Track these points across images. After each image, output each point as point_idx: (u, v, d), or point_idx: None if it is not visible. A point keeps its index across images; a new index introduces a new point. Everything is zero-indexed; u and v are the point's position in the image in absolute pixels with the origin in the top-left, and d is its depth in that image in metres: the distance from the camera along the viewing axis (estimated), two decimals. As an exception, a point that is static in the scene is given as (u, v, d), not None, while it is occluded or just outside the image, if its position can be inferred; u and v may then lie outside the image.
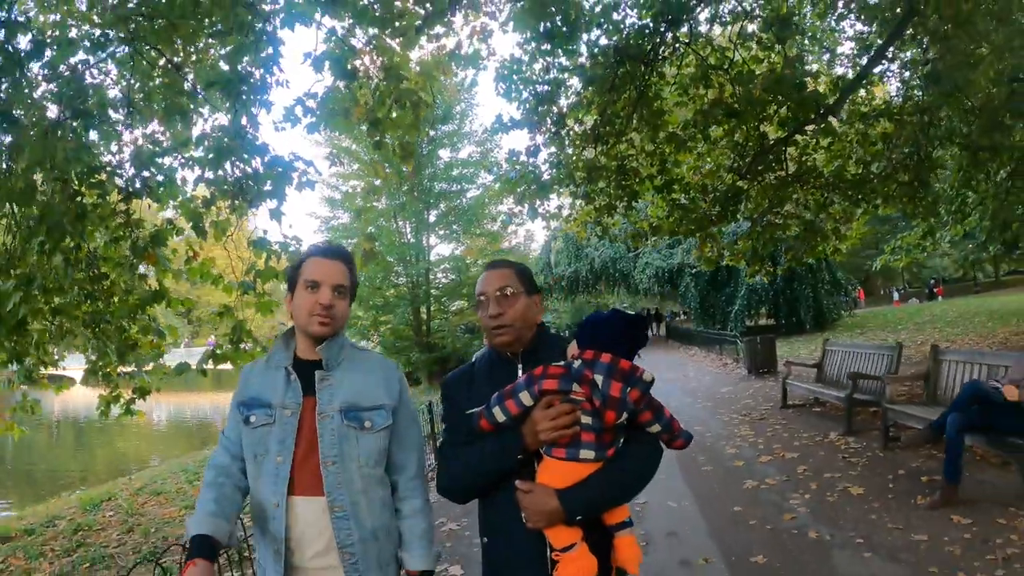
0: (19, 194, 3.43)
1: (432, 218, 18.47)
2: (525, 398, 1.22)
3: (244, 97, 3.95)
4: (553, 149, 6.82)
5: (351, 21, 4.33)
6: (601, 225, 7.44)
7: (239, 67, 4.05)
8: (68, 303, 4.41)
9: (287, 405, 1.35)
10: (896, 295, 30.70)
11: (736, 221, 8.83)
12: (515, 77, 6.50)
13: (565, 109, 6.75)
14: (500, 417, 1.24)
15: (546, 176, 6.76)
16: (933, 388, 4.66)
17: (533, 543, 1.24)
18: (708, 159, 7.68)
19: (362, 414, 1.37)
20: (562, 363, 1.24)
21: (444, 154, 18.13)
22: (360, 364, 1.44)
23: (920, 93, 7.29)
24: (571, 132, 6.99)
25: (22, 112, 3.46)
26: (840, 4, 7.52)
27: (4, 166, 3.74)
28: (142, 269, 4.72)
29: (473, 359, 1.50)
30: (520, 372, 1.33)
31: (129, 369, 4.98)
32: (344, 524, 1.31)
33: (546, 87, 6.44)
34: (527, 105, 6.55)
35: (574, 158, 6.93)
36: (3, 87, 3.24)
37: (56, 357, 5.01)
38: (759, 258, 8.77)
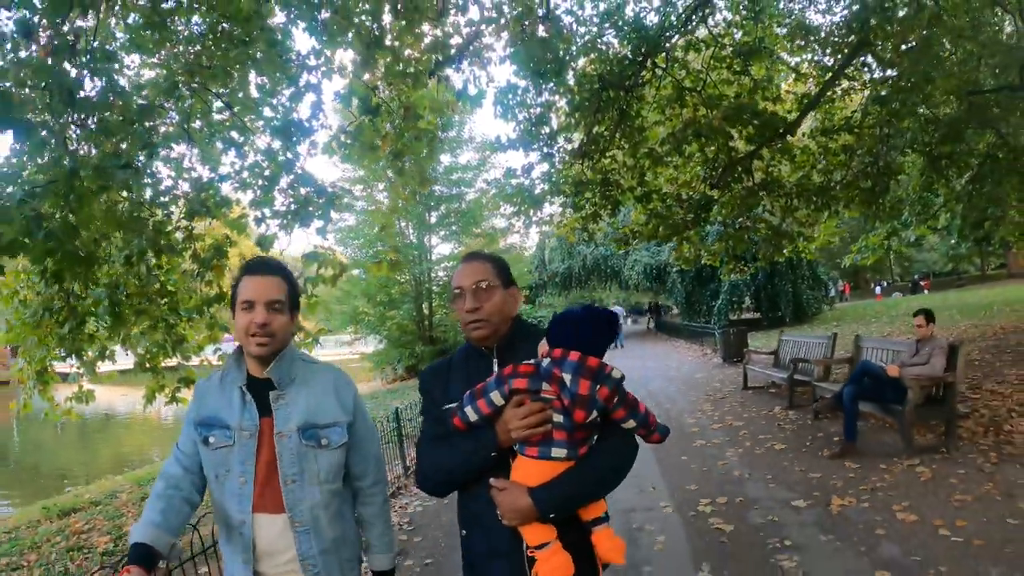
0: (127, 220, 4.39)
1: (433, 220, 19.54)
2: (496, 398, 1.23)
3: (294, 139, 4.93)
4: (545, 167, 7.77)
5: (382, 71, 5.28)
6: (587, 231, 8.42)
7: (285, 112, 5.06)
8: (147, 305, 5.35)
9: (245, 427, 1.38)
10: (878, 289, 31.70)
11: (711, 224, 9.75)
12: (511, 101, 7.42)
13: (556, 128, 7.68)
14: (472, 417, 1.25)
15: (539, 190, 7.72)
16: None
17: (511, 537, 1.26)
18: (683, 171, 8.61)
19: (319, 432, 1.39)
20: (532, 361, 1.25)
21: (444, 159, 19.14)
22: (313, 380, 1.44)
23: (879, 107, 8.08)
24: (561, 149, 7.93)
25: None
26: (799, 38, 8.44)
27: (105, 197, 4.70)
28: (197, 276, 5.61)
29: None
30: (495, 365, 1.33)
31: (174, 363, 5.88)
32: (305, 538, 1.37)
33: (538, 109, 7.36)
34: (522, 126, 7.46)
35: (563, 173, 7.87)
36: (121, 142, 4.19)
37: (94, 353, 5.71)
38: (733, 258, 9.75)
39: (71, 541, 5.41)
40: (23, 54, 3.66)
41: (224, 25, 4.70)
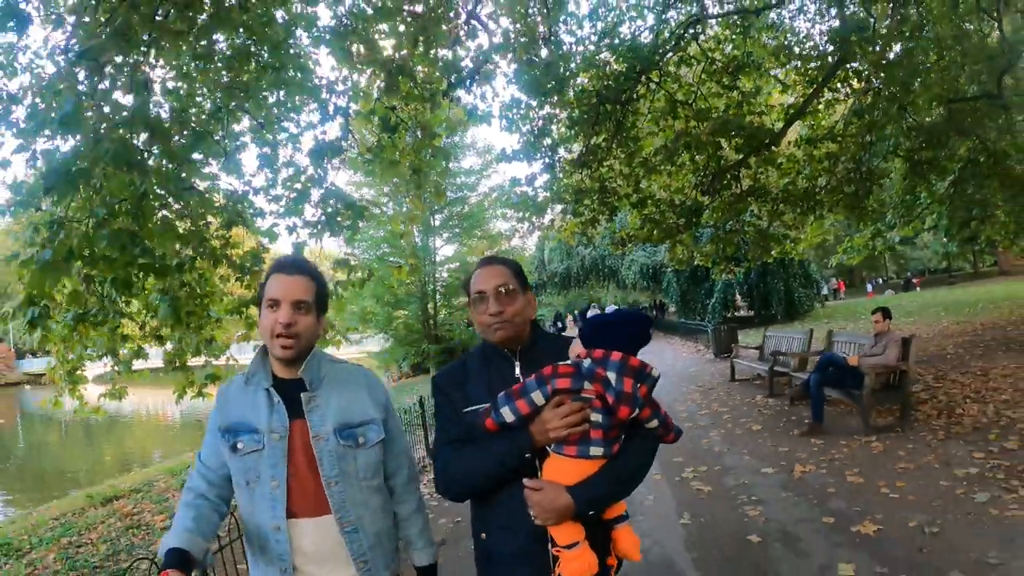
0: (185, 235, 5.01)
1: (437, 223, 20.23)
2: (537, 397, 1.24)
3: (325, 160, 5.54)
4: (547, 176, 8.35)
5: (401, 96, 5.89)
6: (586, 235, 9.03)
7: (309, 128, 5.69)
8: (195, 307, 5.94)
9: (275, 429, 1.35)
10: (870, 287, 32.28)
11: (699, 230, 10.31)
12: (514, 115, 7.98)
13: (556, 139, 8.25)
14: (509, 417, 1.26)
15: (541, 198, 8.32)
16: (827, 360, 6.31)
17: (534, 539, 1.27)
18: (675, 179, 9.17)
19: (355, 431, 1.39)
20: (570, 362, 1.27)
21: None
22: (342, 379, 1.44)
23: (858, 119, 8.53)
24: (561, 159, 8.51)
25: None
26: (782, 54, 9.01)
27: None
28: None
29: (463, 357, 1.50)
30: (517, 368, 1.35)
31: (201, 362, 6.45)
32: (355, 537, 1.37)
33: (540, 122, 7.92)
34: (525, 138, 8.03)
35: (564, 181, 8.46)
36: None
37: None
38: (723, 259, 10.34)
39: (126, 521, 5.98)
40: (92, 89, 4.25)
41: (251, 43, 5.18)
